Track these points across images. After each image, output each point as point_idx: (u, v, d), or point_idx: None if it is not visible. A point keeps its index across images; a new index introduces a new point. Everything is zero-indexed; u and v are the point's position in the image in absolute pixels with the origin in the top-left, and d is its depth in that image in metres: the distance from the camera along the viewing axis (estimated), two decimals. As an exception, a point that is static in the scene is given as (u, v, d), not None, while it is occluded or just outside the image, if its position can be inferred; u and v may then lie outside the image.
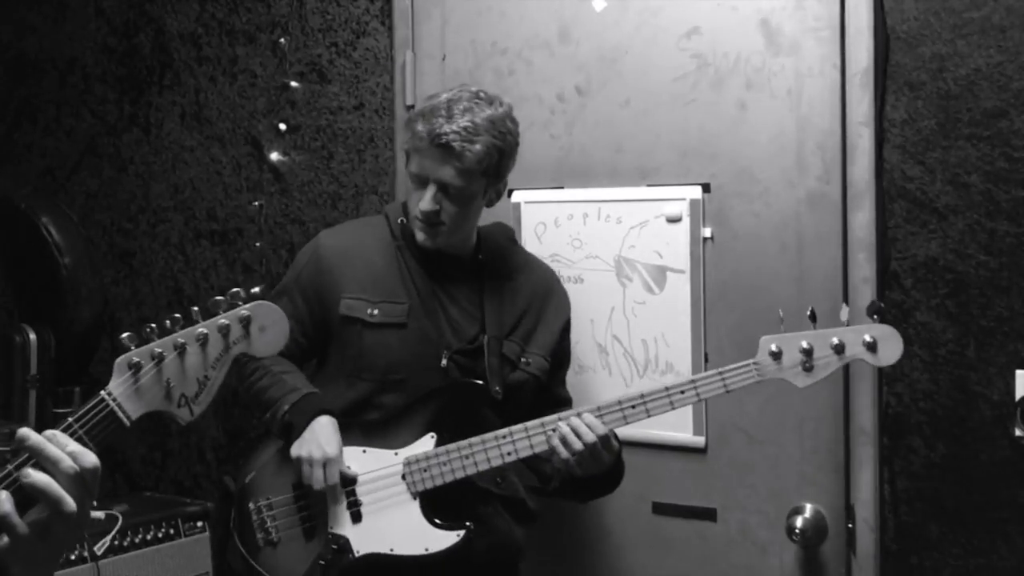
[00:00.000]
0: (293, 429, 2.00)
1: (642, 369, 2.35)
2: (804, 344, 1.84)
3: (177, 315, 1.35)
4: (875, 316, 1.81)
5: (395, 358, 2.04)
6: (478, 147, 1.97)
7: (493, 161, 2.02)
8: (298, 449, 1.97)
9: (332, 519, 1.99)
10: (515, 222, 2.48)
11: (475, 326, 2.09)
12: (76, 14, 3.22)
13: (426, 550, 1.96)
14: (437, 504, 1.99)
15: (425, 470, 1.98)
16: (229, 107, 2.95)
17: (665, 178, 2.34)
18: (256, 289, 1.37)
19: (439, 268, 2.10)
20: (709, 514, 2.31)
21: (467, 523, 1.98)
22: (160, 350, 1.31)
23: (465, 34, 2.57)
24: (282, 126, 2.85)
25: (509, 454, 1.96)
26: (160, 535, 2.62)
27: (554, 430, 1.93)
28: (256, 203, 2.90)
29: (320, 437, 1.97)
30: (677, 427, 2.31)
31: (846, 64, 2.14)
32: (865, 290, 2.13)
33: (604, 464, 1.94)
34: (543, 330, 2.15)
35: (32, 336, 2.96)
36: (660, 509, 2.36)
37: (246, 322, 1.34)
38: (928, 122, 2.08)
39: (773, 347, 1.86)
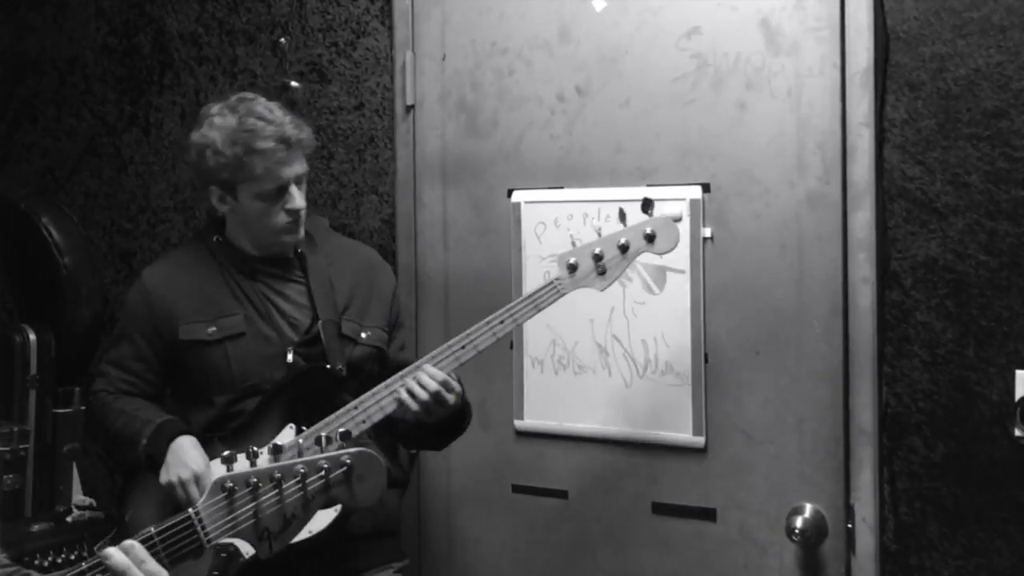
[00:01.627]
0: (155, 458, 2.07)
1: (642, 369, 2.35)
2: (596, 251, 2.03)
3: (280, 443, 1.35)
4: (648, 212, 2.05)
5: (242, 367, 2.13)
6: (307, 129, 2.17)
7: (313, 136, 2.21)
8: (166, 475, 2.05)
9: None
10: (515, 222, 2.48)
11: (309, 315, 2.20)
12: (76, 14, 3.22)
13: (310, 532, 1.99)
14: None
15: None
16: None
17: (665, 178, 2.34)
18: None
19: (263, 272, 2.22)
20: (709, 514, 2.31)
21: None
22: (256, 479, 1.30)
23: (465, 34, 2.57)
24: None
25: (363, 422, 2.05)
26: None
27: (401, 387, 2.04)
28: (256, 203, 2.90)
29: (183, 457, 2.04)
30: (677, 427, 2.31)
31: (846, 64, 2.14)
32: (865, 290, 2.13)
33: (450, 407, 2.07)
34: (375, 302, 2.28)
35: (32, 336, 2.96)
36: (660, 509, 2.36)
37: (347, 469, 1.32)
38: (928, 122, 2.08)
39: (571, 260, 2.04)
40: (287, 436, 2.07)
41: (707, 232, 2.29)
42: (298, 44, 2.83)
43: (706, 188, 2.29)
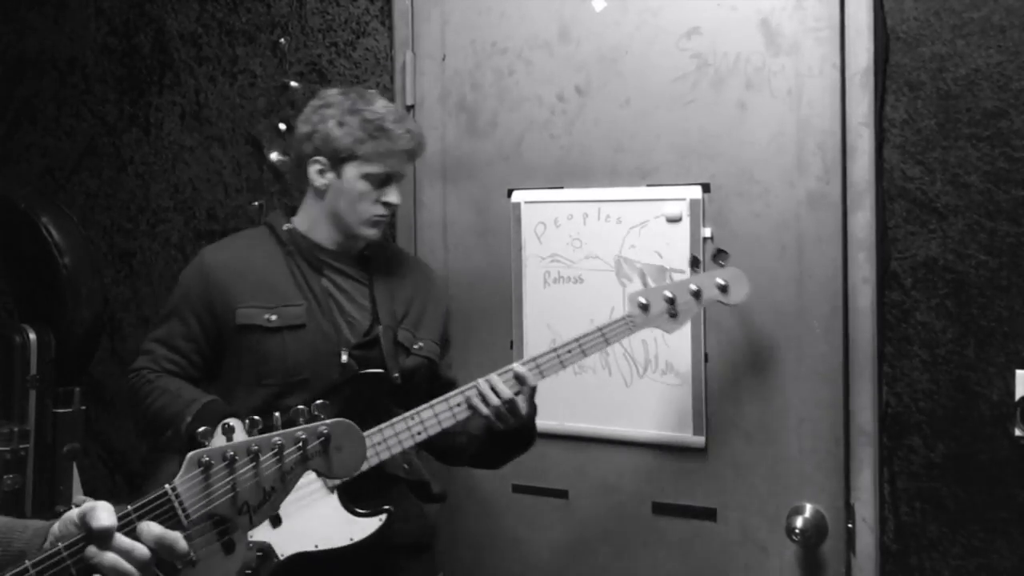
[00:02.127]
0: (195, 440, 1.99)
1: (642, 369, 2.35)
2: (668, 294, 2.09)
3: (256, 417, 1.32)
4: (721, 263, 2.09)
5: (297, 359, 2.09)
6: (423, 136, 2.21)
7: None
8: None
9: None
10: (515, 222, 2.48)
11: (369, 318, 2.17)
12: (76, 14, 3.22)
13: (351, 540, 2.00)
14: (352, 495, 2.03)
15: None
16: (229, 107, 2.95)
17: (665, 178, 2.34)
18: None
19: (331, 267, 2.19)
20: (709, 514, 2.31)
21: (386, 507, 2.03)
22: (233, 453, 1.29)
23: (465, 34, 2.57)
24: (282, 126, 2.85)
25: (419, 433, 2.03)
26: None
27: (460, 404, 2.04)
28: (256, 203, 2.90)
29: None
30: (677, 427, 2.31)
31: (846, 64, 2.14)
32: (865, 290, 2.13)
33: (522, 416, 2.05)
34: (430, 316, 2.25)
35: (32, 336, 2.95)
36: (660, 509, 2.36)
37: (325, 440, 1.31)
38: (928, 122, 2.08)
39: (642, 299, 2.10)
40: None
41: (707, 232, 2.29)
42: (298, 44, 2.83)
43: (706, 188, 2.30)
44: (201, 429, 1.32)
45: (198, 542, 1.92)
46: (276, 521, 1.99)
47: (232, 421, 1.82)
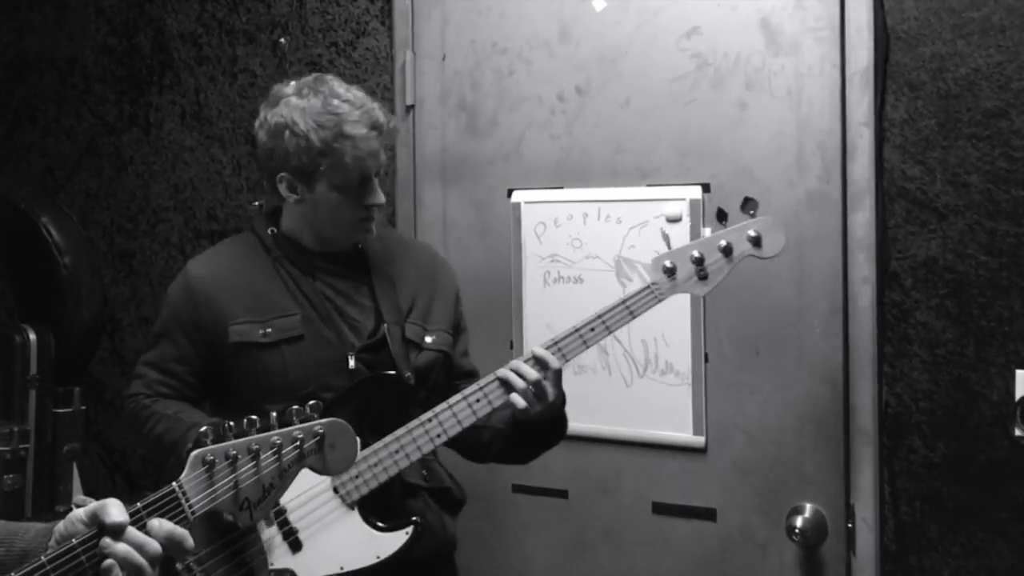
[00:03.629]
0: None
1: (642, 369, 2.35)
2: (695, 253, 1.88)
3: (254, 417, 1.38)
4: (751, 212, 1.88)
5: (299, 373, 1.95)
6: (394, 117, 2.00)
7: None
8: None
9: (271, 555, 1.88)
10: (515, 222, 2.48)
11: (372, 319, 2.02)
12: (76, 14, 3.22)
13: (378, 557, 1.90)
14: (374, 509, 1.93)
15: (357, 476, 1.89)
16: (229, 107, 2.95)
17: (665, 178, 2.34)
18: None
19: (323, 270, 2.04)
20: (709, 514, 2.31)
21: (414, 519, 1.93)
22: (235, 452, 1.35)
23: (465, 34, 2.57)
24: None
25: (439, 435, 1.90)
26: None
27: (479, 399, 1.90)
28: (256, 203, 2.90)
29: None
30: (677, 427, 2.31)
31: (846, 64, 2.14)
32: (865, 290, 2.13)
33: (549, 401, 1.90)
34: (439, 305, 2.10)
35: (32, 336, 2.96)
36: (660, 509, 2.36)
37: (320, 438, 1.38)
38: (928, 122, 2.08)
39: (667, 263, 1.89)
40: None
41: (707, 232, 2.29)
42: (298, 44, 2.83)
43: (706, 188, 2.29)
44: (203, 429, 1.35)
45: (218, 573, 1.90)
46: (296, 546, 1.89)
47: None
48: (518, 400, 1.88)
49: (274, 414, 1.37)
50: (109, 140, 3.18)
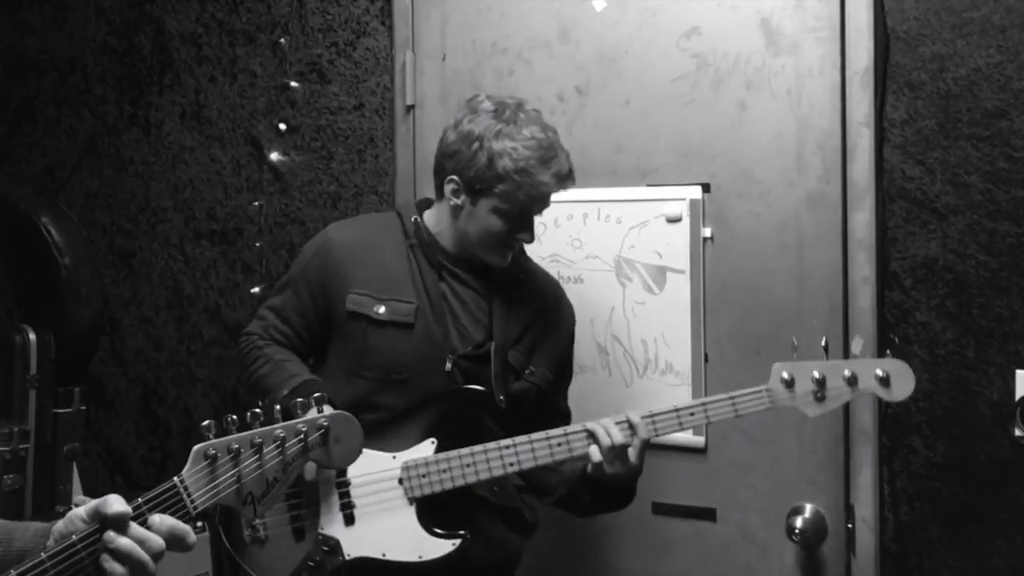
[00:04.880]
0: (288, 412, 1.97)
1: (642, 369, 2.35)
2: (816, 374, 1.84)
3: (257, 410, 1.37)
4: (888, 351, 1.85)
5: (399, 358, 2.02)
6: (571, 166, 2.03)
7: None
8: None
9: (323, 520, 1.96)
10: (515, 222, 2.48)
11: (482, 332, 2.07)
12: (76, 14, 3.22)
13: (420, 557, 1.93)
14: (432, 511, 1.96)
15: (424, 476, 1.95)
16: (229, 107, 2.95)
17: (665, 178, 2.34)
18: (255, 288, 1.37)
19: (451, 272, 2.09)
20: (709, 514, 2.31)
21: (462, 532, 1.95)
22: (237, 446, 1.34)
23: (465, 34, 2.57)
24: (282, 126, 2.85)
25: (511, 464, 1.93)
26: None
27: (560, 444, 1.92)
28: (256, 203, 2.90)
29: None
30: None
31: (846, 64, 2.14)
32: (865, 290, 2.13)
33: (631, 466, 1.90)
34: (550, 341, 2.13)
35: (32, 336, 2.95)
36: (660, 509, 2.36)
37: (324, 432, 1.37)
38: (928, 122, 2.08)
39: (785, 375, 1.86)
40: (426, 450, 1.96)
41: (707, 232, 2.29)
42: (298, 44, 2.83)
43: (706, 188, 2.30)
44: (205, 423, 1.34)
45: (271, 522, 1.97)
46: (349, 520, 1.95)
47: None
48: (595, 454, 1.90)
49: (277, 407, 1.36)
50: (109, 140, 3.18)
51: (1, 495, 2.78)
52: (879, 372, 1.83)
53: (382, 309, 2.03)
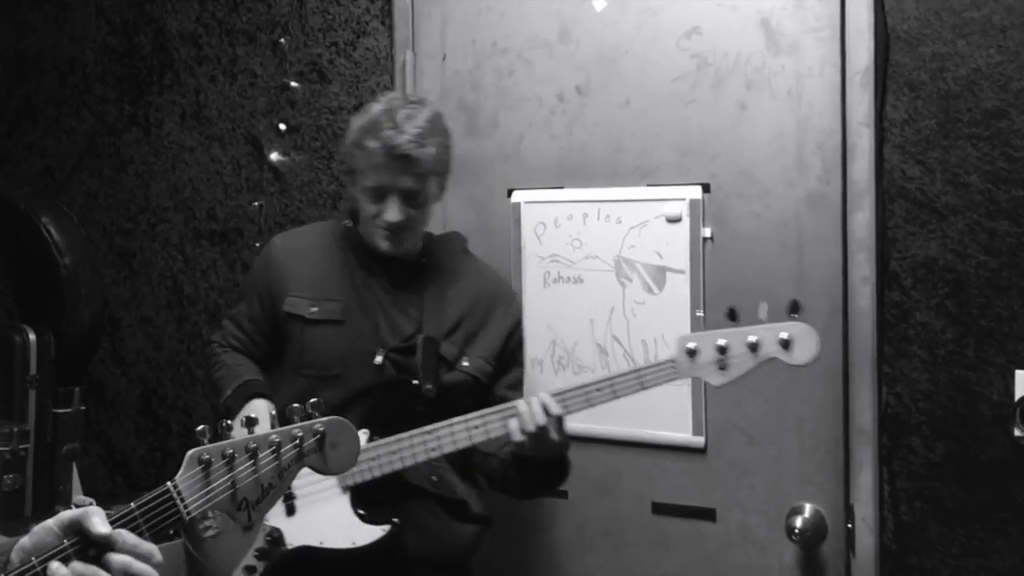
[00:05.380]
0: (231, 412, 2.08)
1: (642, 369, 2.35)
2: (720, 342, 1.85)
3: (253, 415, 1.37)
4: (794, 314, 1.84)
5: (332, 354, 2.11)
6: (431, 149, 2.06)
7: (443, 159, 2.12)
8: None
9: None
10: (515, 222, 2.48)
11: (413, 326, 2.14)
12: (76, 14, 3.22)
13: (353, 543, 1.99)
14: (368, 499, 2.03)
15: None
16: (229, 107, 2.95)
17: (665, 178, 2.34)
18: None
19: (382, 269, 2.17)
20: (709, 514, 2.31)
21: (393, 519, 2.02)
22: (232, 451, 1.32)
23: (465, 34, 2.57)
24: (282, 126, 2.85)
25: (433, 450, 2.00)
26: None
27: (477, 426, 1.98)
28: (256, 203, 2.90)
29: (249, 413, 2.03)
30: (677, 427, 2.31)
31: (846, 64, 2.14)
32: (865, 290, 2.13)
33: (552, 443, 1.96)
34: (488, 333, 2.18)
35: (32, 336, 2.96)
36: (660, 509, 2.36)
37: (320, 437, 1.36)
38: (928, 122, 2.08)
39: (690, 345, 1.88)
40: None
41: (707, 232, 2.29)
42: (298, 44, 2.83)
43: (706, 188, 2.29)
44: (199, 428, 1.34)
45: (221, 517, 2.00)
46: (291, 511, 2.02)
47: (255, 413, 1.83)
48: (515, 432, 1.96)
49: (273, 411, 1.36)
50: (109, 140, 3.18)
51: (1, 495, 2.78)
52: (782, 335, 1.82)
53: (314, 308, 2.13)
